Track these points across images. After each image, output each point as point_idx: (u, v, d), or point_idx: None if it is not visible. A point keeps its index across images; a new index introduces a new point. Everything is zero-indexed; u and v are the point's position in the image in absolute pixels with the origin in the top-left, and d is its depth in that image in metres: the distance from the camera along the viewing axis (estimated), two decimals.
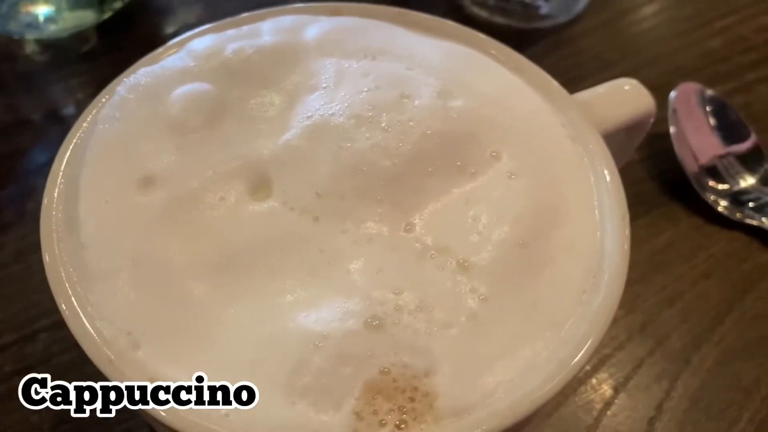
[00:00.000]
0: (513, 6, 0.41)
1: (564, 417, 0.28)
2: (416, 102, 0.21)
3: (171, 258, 0.19)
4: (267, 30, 0.24)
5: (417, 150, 0.20)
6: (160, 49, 0.23)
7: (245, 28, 0.24)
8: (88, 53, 0.40)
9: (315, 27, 0.24)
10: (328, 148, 0.20)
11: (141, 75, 0.22)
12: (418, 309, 0.18)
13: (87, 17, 0.39)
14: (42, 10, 0.38)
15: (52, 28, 0.39)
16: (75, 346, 0.27)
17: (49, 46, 0.40)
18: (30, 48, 0.39)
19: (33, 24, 0.39)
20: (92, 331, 0.18)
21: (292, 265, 0.19)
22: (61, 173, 0.21)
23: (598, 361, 0.29)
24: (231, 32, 0.24)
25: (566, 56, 0.41)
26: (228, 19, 0.25)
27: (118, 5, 0.40)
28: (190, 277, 0.19)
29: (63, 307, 0.18)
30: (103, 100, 0.22)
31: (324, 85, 0.22)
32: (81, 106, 0.36)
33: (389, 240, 0.20)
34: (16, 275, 0.31)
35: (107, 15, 0.40)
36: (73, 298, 0.18)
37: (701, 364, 0.29)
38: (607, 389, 0.28)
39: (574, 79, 0.24)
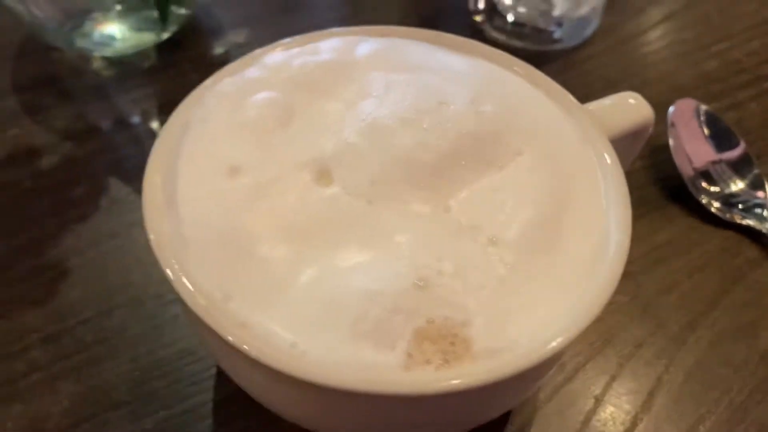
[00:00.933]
0: (528, 31, 0.46)
1: (574, 387, 0.31)
2: (452, 107, 0.26)
3: (253, 231, 0.23)
4: (325, 48, 0.28)
5: (453, 146, 0.25)
6: (237, 62, 0.28)
7: (307, 46, 0.28)
8: (148, 69, 0.44)
9: (364, 46, 0.29)
10: (379, 144, 0.25)
11: (225, 84, 0.26)
12: (456, 273, 0.22)
13: (148, 38, 0.44)
14: (110, 30, 0.43)
15: (118, 47, 0.44)
16: (149, 319, 0.32)
17: (114, 62, 0.44)
18: (97, 64, 0.44)
19: (101, 42, 0.43)
20: (191, 287, 0.22)
21: (350, 238, 0.23)
22: (158, 165, 0.25)
23: (604, 340, 0.33)
24: (296, 50, 0.28)
25: (576, 75, 0.45)
26: (291, 38, 0.29)
27: (174, 28, 0.44)
28: (269, 247, 0.23)
29: (168, 271, 0.22)
30: (192, 104, 0.26)
31: (374, 94, 0.26)
32: (144, 115, 0.41)
33: (431, 219, 0.24)
34: (91, 260, 0.35)
35: (165, 36, 0.44)
36: (174, 262, 0.23)
37: (696, 344, 0.33)
38: (612, 364, 0.32)
39: (583, 95, 0.28)
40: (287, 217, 0.23)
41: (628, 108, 0.30)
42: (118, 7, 0.42)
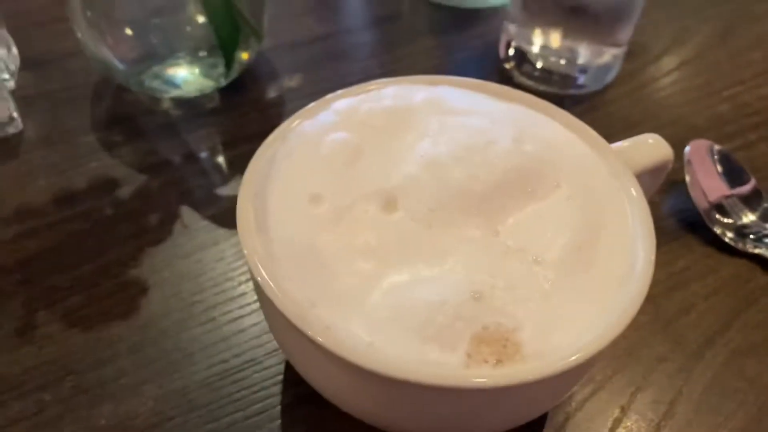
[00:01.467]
0: (555, 77, 0.51)
1: (602, 397, 0.35)
2: (498, 146, 0.30)
3: (333, 249, 0.27)
4: (386, 95, 0.33)
5: (500, 179, 0.29)
6: (312, 106, 0.32)
7: (371, 93, 0.33)
8: (212, 110, 0.49)
9: (419, 93, 0.33)
10: (437, 177, 0.29)
11: (305, 125, 0.31)
12: (506, 288, 0.26)
13: (212, 82, 0.49)
14: (178, 75, 0.48)
15: (185, 89, 0.49)
16: (220, 331, 0.36)
17: (181, 103, 0.49)
18: (166, 104, 0.49)
19: (169, 85, 0.48)
20: (282, 295, 0.26)
21: (415, 256, 0.27)
22: (250, 194, 0.29)
23: (628, 355, 0.36)
24: (361, 96, 0.33)
25: (599, 117, 0.50)
26: (357, 87, 0.33)
27: (235, 75, 0.49)
28: (346, 263, 0.27)
29: (259, 279, 0.26)
30: (275, 141, 0.31)
31: (431, 134, 0.31)
32: (210, 151, 0.46)
33: (483, 241, 0.28)
34: (168, 279, 0.39)
35: (228, 81, 0.49)
36: (265, 274, 0.27)
37: (713, 360, 0.36)
38: (637, 377, 0.35)
39: (606, 135, 0.32)
40: (361, 238, 0.27)
41: (650, 147, 0.34)
42: (187, 56, 0.47)
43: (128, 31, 0.46)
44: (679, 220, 0.43)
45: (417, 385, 0.24)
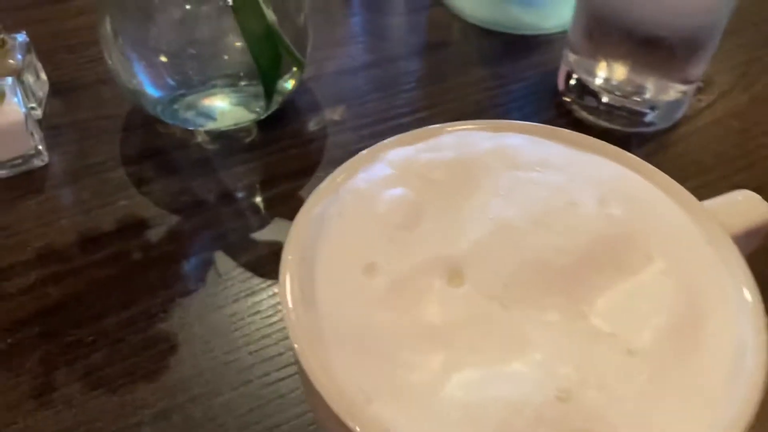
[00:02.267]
0: (620, 112, 0.46)
1: None
2: (581, 209, 0.26)
3: (392, 330, 0.23)
4: (447, 144, 0.29)
5: (585, 250, 0.25)
6: (363, 155, 0.28)
7: (429, 141, 0.29)
8: (250, 144, 0.46)
9: (485, 143, 0.29)
10: (511, 245, 0.25)
11: (358, 178, 0.27)
12: (597, 384, 0.22)
13: (250, 114, 0.46)
14: (217, 105, 0.45)
15: (220, 122, 0.46)
16: (255, 399, 0.32)
17: (217, 136, 0.46)
18: (201, 137, 0.46)
19: (203, 116, 0.45)
20: (332, 387, 0.22)
21: (488, 342, 0.23)
22: (295, 258, 0.25)
23: None
24: (420, 145, 0.29)
25: (667, 159, 0.46)
26: (411, 133, 0.30)
27: (276, 106, 0.46)
28: (409, 348, 0.23)
29: (305, 367, 0.23)
30: (323, 197, 0.27)
31: (502, 193, 0.27)
32: (247, 190, 0.42)
33: (566, 325, 0.24)
34: (199, 335, 0.35)
35: (268, 113, 0.46)
36: (312, 361, 0.23)
37: None
38: None
39: (678, 178, 0.28)
40: (424, 318, 0.24)
41: (747, 205, 0.30)
42: (224, 85, 0.44)
43: (162, 59, 0.43)
44: None
45: None
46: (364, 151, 0.29)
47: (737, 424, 0.22)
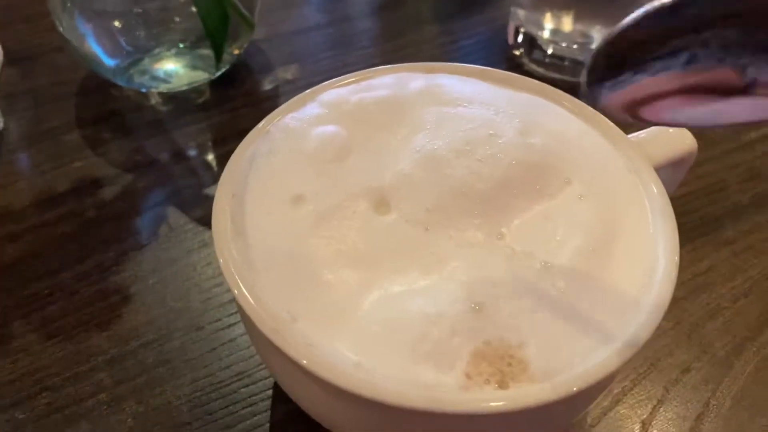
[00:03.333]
0: (567, 64, 0.47)
1: (621, 412, 0.32)
2: (502, 139, 0.27)
3: (317, 256, 0.24)
4: (378, 85, 0.30)
5: (505, 176, 0.26)
6: (297, 98, 0.29)
7: (361, 83, 0.30)
8: (202, 104, 0.46)
9: (415, 82, 0.30)
10: (434, 174, 0.26)
11: (288, 119, 0.28)
12: (510, 297, 0.23)
13: (202, 75, 0.46)
14: (167, 68, 0.45)
15: (174, 83, 0.46)
16: (207, 343, 0.33)
17: (170, 98, 0.47)
18: (154, 100, 0.47)
19: (157, 79, 0.46)
20: (259, 309, 0.23)
21: (409, 263, 0.24)
22: (226, 195, 0.26)
23: (650, 365, 0.33)
24: (351, 87, 0.30)
25: None
26: (345, 76, 0.31)
27: (227, 66, 0.47)
28: (332, 271, 0.24)
29: (235, 291, 0.24)
30: (256, 137, 0.28)
31: (427, 127, 0.28)
32: (199, 148, 0.43)
33: (485, 245, 0.25)
34: (152, 286, 0.36)
35: (219, 73, 0.47)
36: (242, 285, 0.24)
37: (743, 369, 0.33)
38: (659, 389, 0.32)
39: (623, 126, 0.29)
40: (349, 243, 0.25)
41: (672, 138, 0.31)
42: (175, 47, 0.45)
43: (112, 23, 0.43)
44: (702, 216, 0.39)
45: (409, 410, 0.21)
46: (300, 95, 0.30)
47: (642, 332, 0.23)
